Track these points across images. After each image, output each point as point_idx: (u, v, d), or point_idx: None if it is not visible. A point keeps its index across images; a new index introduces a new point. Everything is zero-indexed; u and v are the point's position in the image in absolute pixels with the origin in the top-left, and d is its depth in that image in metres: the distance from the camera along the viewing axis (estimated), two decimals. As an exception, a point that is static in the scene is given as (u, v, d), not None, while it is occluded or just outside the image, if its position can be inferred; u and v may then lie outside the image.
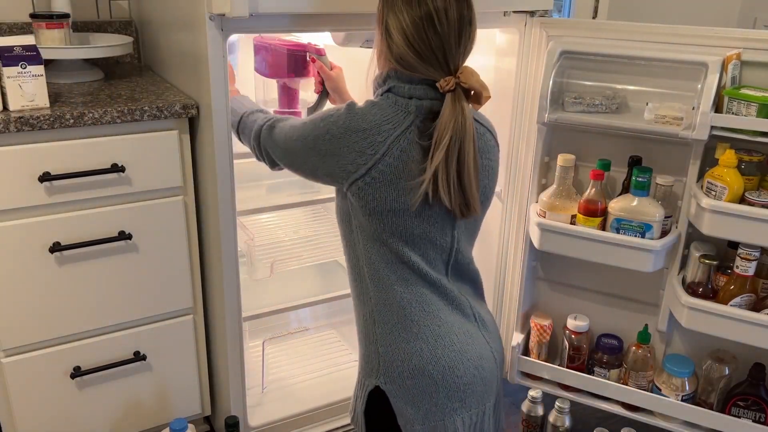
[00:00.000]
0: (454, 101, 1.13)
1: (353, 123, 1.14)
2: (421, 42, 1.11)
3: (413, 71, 1.15)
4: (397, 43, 1.13)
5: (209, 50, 1.37)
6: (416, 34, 1.11)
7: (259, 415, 1.77)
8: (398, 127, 1.14)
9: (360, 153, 1.13)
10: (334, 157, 1.16)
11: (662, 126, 1.51)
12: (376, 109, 1.16)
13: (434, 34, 1.11)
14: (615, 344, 1.74)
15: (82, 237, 1.47)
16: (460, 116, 1.12)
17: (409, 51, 1.13)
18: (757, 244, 1.44)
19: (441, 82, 1.13)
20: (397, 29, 1.13)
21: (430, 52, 1.12)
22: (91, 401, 1.61)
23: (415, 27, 1.11)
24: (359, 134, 1.14)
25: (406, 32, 1.12)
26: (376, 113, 1.15)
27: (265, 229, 1.99)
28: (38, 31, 1.64)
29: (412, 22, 1.11)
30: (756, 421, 1.56)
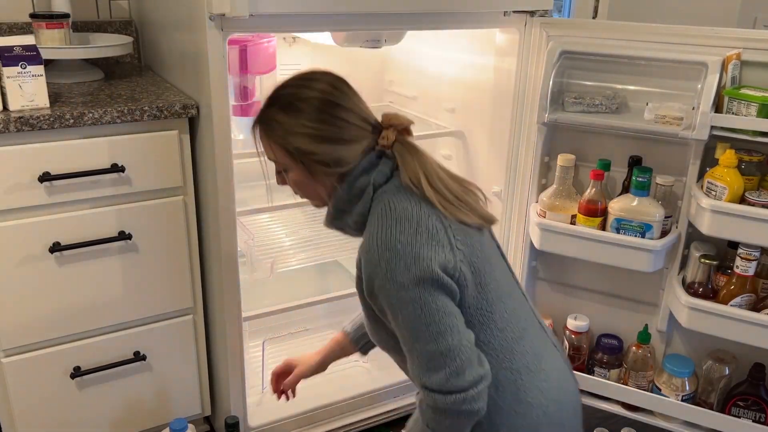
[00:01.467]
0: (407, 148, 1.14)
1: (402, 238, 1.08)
2: (338, 128, 1.11)
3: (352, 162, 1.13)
4: (318, 151, 1.11)
5: (209, 50, 1.37)
6: (328, 126, 1.10)
7: (259, 415, 1.77)
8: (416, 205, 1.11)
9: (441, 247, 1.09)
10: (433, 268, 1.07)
11: (662, 126, 1.51)
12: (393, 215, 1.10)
13: (342, 110, 1.11)
14: (615, 344, 1.74)
15: (82, 237, 1.47)
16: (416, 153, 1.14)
17: (336, 147, 1.11)
18: (757, 244, 1.44)
19: (381, 142, 1.13)
20: (307, 142, 1.10)
21: (355, 129, 1.12)
22: (91, 401, 1.61)
23: (320, 122, 1.10)
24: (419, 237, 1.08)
25: (318, 134, 1.10)
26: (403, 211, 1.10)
27: (265, 229, 1.99)
28: (38, 31, 1.64)
29: (311, 122, 1.09)
30: (756, 421, 1.56)
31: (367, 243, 1.10)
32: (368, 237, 1.11)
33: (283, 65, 2.04)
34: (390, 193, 1.13)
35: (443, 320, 1.06)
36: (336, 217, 1.19)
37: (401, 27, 1.66)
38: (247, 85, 1.71)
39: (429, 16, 1.57)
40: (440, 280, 1.06)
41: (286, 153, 1.13)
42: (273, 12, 1.36)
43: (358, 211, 1.16)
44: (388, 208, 1.11)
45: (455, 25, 1.63)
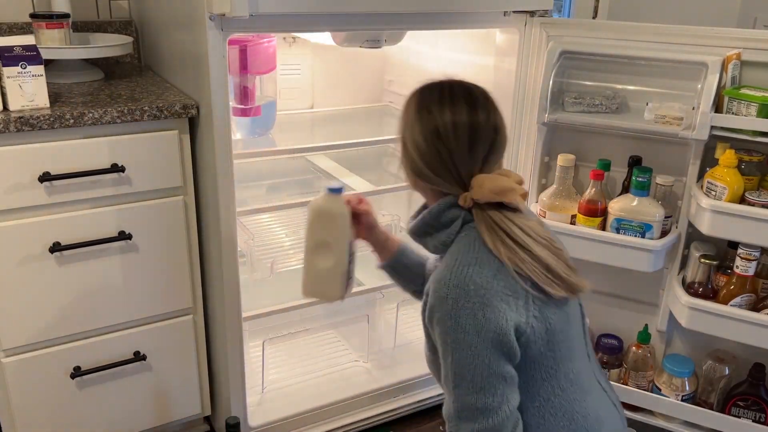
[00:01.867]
0: (478, 215, 1.10)
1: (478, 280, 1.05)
2: (432, 156, 1.10)
3: (432, 184, 1.13)
4: (412, 156, 1.12)
5: (209, 50, 1.37)
6: (427, 149, 1.10)
7: (259, 415, 1.77)
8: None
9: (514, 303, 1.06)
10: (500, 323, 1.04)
11: (662, 126, 1.51)
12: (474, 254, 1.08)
13: (442, 147, 1.09)
14: (615, 344, 1.74)
15: (82, 237, 1.47)
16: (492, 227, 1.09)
17: (424, 165, 1.11)
18: (757, 244, 1.44)
19: (460, 200, 1.11)
20: (410, 143, 1.12)
21: (443, 167, 1.10)
22: (91, 401, 1.61)
23: (425, 141, 1.10)
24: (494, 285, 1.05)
25: (417, 145, 1.11)
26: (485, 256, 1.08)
27: (265, 229, 1.99)
28: (38, 31, 1.64)
29: (421, 135, 1.10)
30: (756, 421, 1.56)
31: (441, 274, 1.08)
32: (444, 268, 1.09)
33: (283, 65, 2.05)
34: (478, 233, 1.10)
35: (491, 379, 1.04)
36: (419, 234, 1.18)
37: (401, 27, 1.66)
38: (247, 85, 1.71)
39: (429, 16, 1.57)
40: (503, 338, 1.04)
41: (400, 137, 1.16)
42: (273, 12, 1.36)
43: (441, 239, 1.14)
44: (472, 246, 1.09)
45: (455, 25, 1.63)
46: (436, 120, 1.09)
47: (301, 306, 1.80)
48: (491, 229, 1.09)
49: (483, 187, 1.09)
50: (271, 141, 1.82)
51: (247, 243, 1.77)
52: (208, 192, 1.54)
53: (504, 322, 1.03)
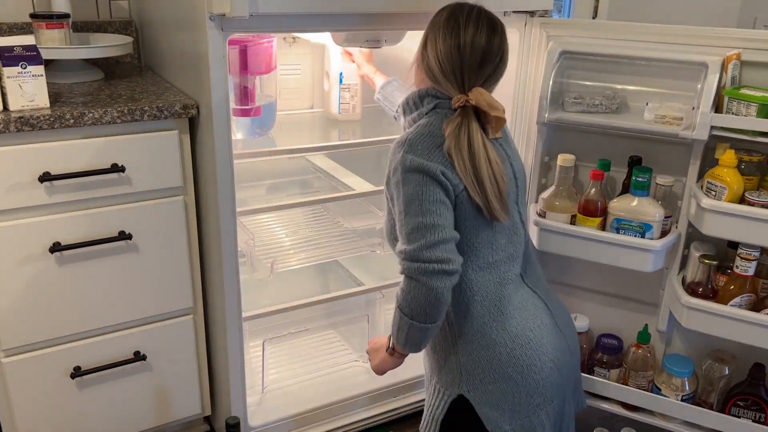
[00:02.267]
0: (462, 119, 1.23)
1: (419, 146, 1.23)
2: (447, 61, 1.25)
3: (436, 83, 1.28)
4: (429, 57, 1.28)
5: (209, 50, 1.37)
6: (444, 55, 1.25)
7: (259, 415, 1.77)
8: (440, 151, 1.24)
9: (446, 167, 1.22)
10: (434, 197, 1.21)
11: (662, 126, 1.51)
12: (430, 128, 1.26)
13: (458, 56, 1.24)
14: (615, 344, 1.74)
15: (82, 237, 1.47)
16: (463, 130, 1.23)
17: (436, 65, 1.26)
18: (757, 244, 1.44)
19: (454, 100, 1.26)
20: (432, 46, 1.27)
21: (451, 72, 1.25)
22: (91, 401, 1.61)
23: (444, 47, 1.25)
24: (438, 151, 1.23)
25: (437, 50, 1.26)
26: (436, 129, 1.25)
27: (265, 229, 1.99)
28: (38, 31, 1.64)
29: (443, 42, 1.25)
30: (756, 421, 1.56)
31: (400, 139, 1.27)
32: (404, 134, 1.28)
33: (283, 65, 2.05)
34: (438, 116, 1.27)
35: (435, 204, 1.20)
36: (404, 107, 1.37)
37: (401, 27, 1.66)
38: (247, 85, 1.71)
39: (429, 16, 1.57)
40: (440, 178, 1.21)
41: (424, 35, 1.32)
42: (273, 12, 1.36)
43: (413, 117, 1.33)
44: (432, 122, 1.27)
45: (455, 25, 1.63)
46: (460, 36, 1.24)
47: (301, 306, 1.80)
48: (461, 126, 1.23)
49: (482, 95, 1.24)
50: (271, 141, 1.82)
51: (247, 243, 1.77)
52: (208, 192, 1.54)
53: (440, 172, 1.21)
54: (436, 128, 1.25)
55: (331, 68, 1.98)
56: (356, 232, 1.99)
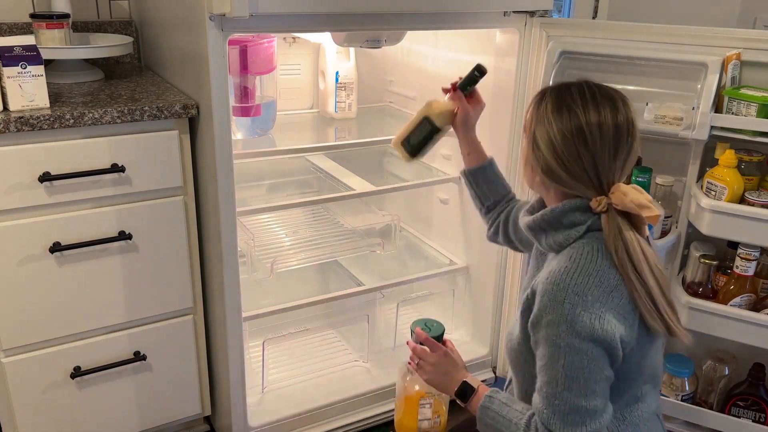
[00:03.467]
0: (609, 221, 1.08)
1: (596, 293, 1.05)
2: (571, 157, 1.07)
3: (563, 186, 1.10)
4: (545, 155, 1.09)
5: (209, 50, 1.37)
6: (565, 149, 1.07)
7: (259, 415, 1.77)
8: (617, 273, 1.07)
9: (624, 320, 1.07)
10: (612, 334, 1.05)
11: (662, 126, 1.51)
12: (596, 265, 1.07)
13: (585, 149, 1.06)
14: (615, 344, 1.74)
15: (83, 237, 1.47)
16: (617, 236, 1.07)
17: (558, 166, 1.08)
18: (757, 244, 1.44)
19: (593, 203, 1.09)
20: (544, 141, 1.09)
21: (581, 169, 1.07)
22: (91, 401, 1.61)
23: (564, 141, 1.07)
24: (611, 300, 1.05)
25: (554, 145, 1.08)
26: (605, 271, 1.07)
27: (265, 229, 1.99)
28: (38, 31, 1.65)
29: (560, 135, 1.07)
30: (756, 421, 1.56)
31: (557, 276, 1.07)
32: (561, 271, 1.07)
33: (283, 65, 2.05)
34: (600, 243, 1.09)
35: (601, 384, 1.06)
36: (534, 229, 1.17)
37: (401, 27, 1.66)
38: (247, 86, 1.71)
39: (429, 16, 1.57)
40: (616, 350, 1.05)
41: (528, 125, 1.14)
42: (273, 12, 1.36)
43: (558, 240, 1.13)
44: (594, 256, 1.07)
45: (455, 25, 1.63)
46: (580, 119, 1.06)
47: (301, 306, 1.80)
48: (617, 237, 1.07)
49: (627, 195, 1.06)
50: (271, 141, 1.82)
51: (247, 243, 1.77)
52: (208, 192, 1.54)
53: (615, 334, 1.04)
54: (603, 266, 1.06)
55: (327, 67, 1.98)
56: (356, 232, 1.99)
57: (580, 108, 1.06)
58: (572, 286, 1.04)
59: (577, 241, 1.11)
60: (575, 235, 1.11)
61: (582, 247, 1.09)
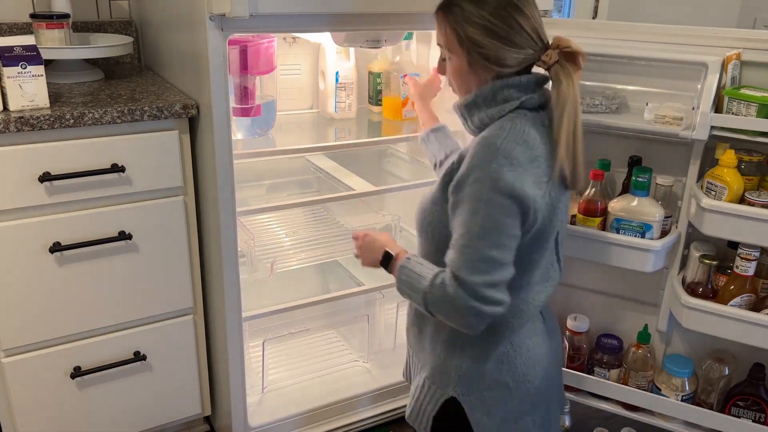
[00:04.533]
0: (563, 70, 1.15)
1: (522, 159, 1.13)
2: (512, 30, 1.13)
3: (512, 67, 1.16)
4: (489, 45, 1.14)
5: (209, 50, 1.37)
6: (505, 25, 1.13)
7: (259, 415, 1.77)
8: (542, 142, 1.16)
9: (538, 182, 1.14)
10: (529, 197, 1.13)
11: (662, 126, 1.50)
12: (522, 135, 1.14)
13: (521, 16, 1.13)
14: (615, 344, 1.74)
15: (82, 237, 1.47)
16: (571, 85, 1.14)
17: (505, 45, 1.14)
18: (757, 244, 1.44)
19: (543, 58, 1.15)
20: (479, 32, 1.14)
21: (527, 36, 1.14)
22: (91, 401, 1.61)
23: (501, 19, 1.12)
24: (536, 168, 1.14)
25: (494, 30, 1.13)
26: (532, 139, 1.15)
27: (265, 229, 1.99)
28: (38, 31, 1.65)
29: (494, 17, 1.12)
30: (756, 421, 1.56)
31: (489, 140, 1.14)
32: (494, 136, 1.14)
33: (283, 65, 2.05)
34: (526, 119, 1.16)
35: (512, 240, 1.13)
36: (469, 106, 1.22)
37: (401, 27, 1.66)
38: (247, 85, 1.71)
39: (429, 16, 1.56)
40: (528, 211, 1.13)
41: (457, 38, 1.17)
42: (273, 12, 1.36)
43: (490, 114, 1.19)
44: (522, 127, 1.15)
45: (455, 25, 1.63)
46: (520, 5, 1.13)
47: (301, 306, 1.80)
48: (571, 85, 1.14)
49: (567, 39, 1.15)
50: (271, 141, 1.82)
51: (247, 243, 1.77)
52: (208, 192, 1.54)
53: (531, 196, 1.12)
54: (530, 136, 1.14)
55: (327, 67, 1.98)
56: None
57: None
58: (502, 149, 1.12)
59: (508, 115, 1.17)
60: (508, 108, 1.17)
61: (512, 120, 1.16)
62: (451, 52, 1.20)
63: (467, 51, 1.16)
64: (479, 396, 1.26)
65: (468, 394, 1.27)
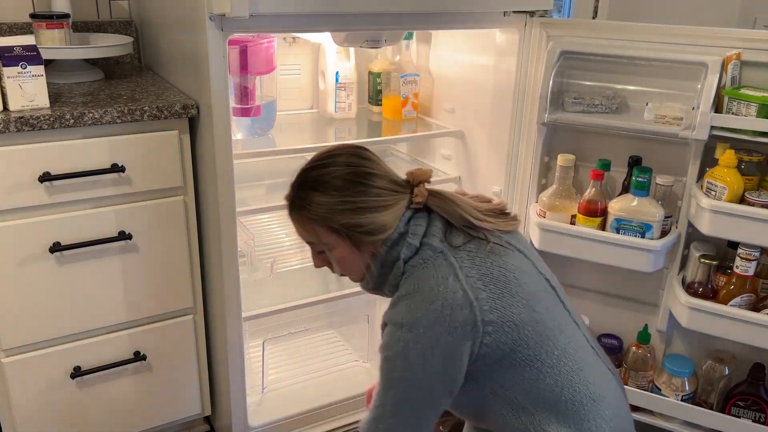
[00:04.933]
0: (437, 198, 1.14)
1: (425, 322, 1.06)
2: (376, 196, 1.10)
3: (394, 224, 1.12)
4: (363, 223, 1.10)
5: (209, 50, 1.37)
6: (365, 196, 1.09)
7: (259, 415, 1.77)
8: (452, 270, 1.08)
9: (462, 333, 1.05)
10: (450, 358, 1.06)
11: (662, 126, 1.51)
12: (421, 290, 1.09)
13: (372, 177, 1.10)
14: (615, 344, 1.74)
15: (83, 237, 1.47)
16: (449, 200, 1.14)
17: (378, 212, 1.10)
18: (757, 244, 1.44)
19: (416, 200, 1.13)
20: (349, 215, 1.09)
21: (389, 192, 1.11)
22: (91, 401, 1.61)
23: (356, 193, 1.09)
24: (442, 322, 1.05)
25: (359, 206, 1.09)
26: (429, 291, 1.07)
27: (265, 229, 1.99)
28: (38, 31, 1.65)
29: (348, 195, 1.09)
30: (756, 421, 1.56)
31: (392, 312, 1.11)
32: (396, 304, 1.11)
33: (283, 65, 2.05)
34: (419, 269, 1.11)
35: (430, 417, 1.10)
36: (377, 286, 1.20)
37: (401, 27, 1.66)
38: (247, 86, 1.71)
39: (429, 16, 1.57)
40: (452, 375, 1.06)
41: (330, 231, 1.12)
42: (273, 12, 1.36)
43: (392, 282, 1.16)
44: (416, 287, 1.09)
45: (455, 25, 1.63)
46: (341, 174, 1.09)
47: (301, 306, 1.80)
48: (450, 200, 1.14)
49: (421, 170, 1.15)
50: (271, 141, 1.82)
51: (247, 243, 1.77)
52: (208, 192, 1.54)
53: (454, 358, 1.05)
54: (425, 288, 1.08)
55: (327, 67, 1.98)
56: (356, 232, 1.99)
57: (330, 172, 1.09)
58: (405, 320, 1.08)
59: (402, 279, 1.13)
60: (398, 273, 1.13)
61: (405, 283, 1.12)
62: (331, 245, 1.14)
63: (348, 236, 1.11)
64: None
65: None
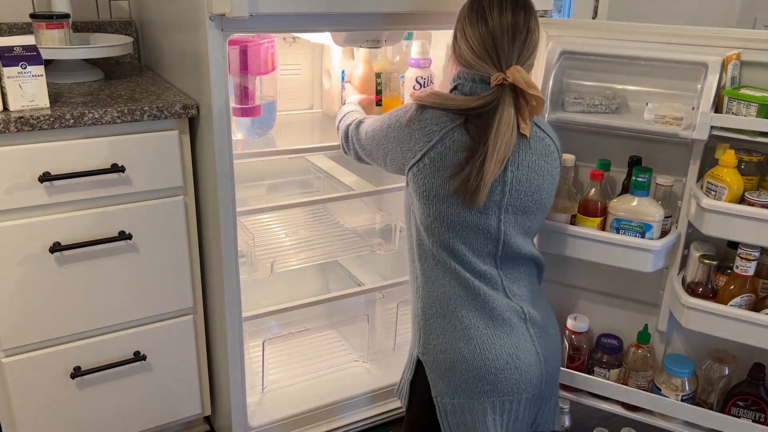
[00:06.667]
0: (503, 95, 1.25)
1: (418, 115, 1.29)
2: (479, 44, 1.28)
3: (470, 67, 1.29)
4: (460, 47, 1.31)
5: (209, 50, 1.37)
6: (476, 40, 1.28)
7: (259, 415, 1.77)
8: (455, 120, 1.26)
9: (417, 140, 1.28)
10: (398, 143, 1.32)
11: (662, 126, 1.50)
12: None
13: (489, 37, 1.27)
14: (615, 344, 1.74)
15: (82, 237, 1.47)
16: (505, 111, 1.24)
17: (468, 52, 1.29)
18: (757, 244, 1.44)
19: (492, 78, 1.27)
20: (462, 36, 1.31)
21: (483, 49, 1.28)
22: (91, 401, 1.61)
23: (474, 33, 1.28)
24: (420, 123, 1.28)
25: (467, 38, 1.29)
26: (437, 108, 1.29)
27: (265, 229, 1.99)
28: (38, 31, 1.65)
29: (473, 30, 1.29)
30: (756, 421, 1.56)
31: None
32: None
33: (283, 65, 2.05)
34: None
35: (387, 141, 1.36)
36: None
37: (401, 27, 1.66)
38: (248, 86, 1.71)
39: (429, 16, 1.57)
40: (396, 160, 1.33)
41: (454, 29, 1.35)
42: (273, 12, 1.36)
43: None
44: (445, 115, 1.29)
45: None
46: (487, 18, 1.27)
47: (301, 306, 1.80)
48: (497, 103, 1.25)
49: (520, 73, 1.25)
50: (271, 141, 1.82)
51: (247, 243, 1.77)
52: (208, 192, 1.54)
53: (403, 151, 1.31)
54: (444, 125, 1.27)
55: (333, 66, 1.98)
56: (356, 232, 1.99)
57: (488, 8, 1.27)
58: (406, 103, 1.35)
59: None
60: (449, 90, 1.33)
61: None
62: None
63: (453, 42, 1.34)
64: (435, 357, 1.31)
65: (427, 354, 1.33)
